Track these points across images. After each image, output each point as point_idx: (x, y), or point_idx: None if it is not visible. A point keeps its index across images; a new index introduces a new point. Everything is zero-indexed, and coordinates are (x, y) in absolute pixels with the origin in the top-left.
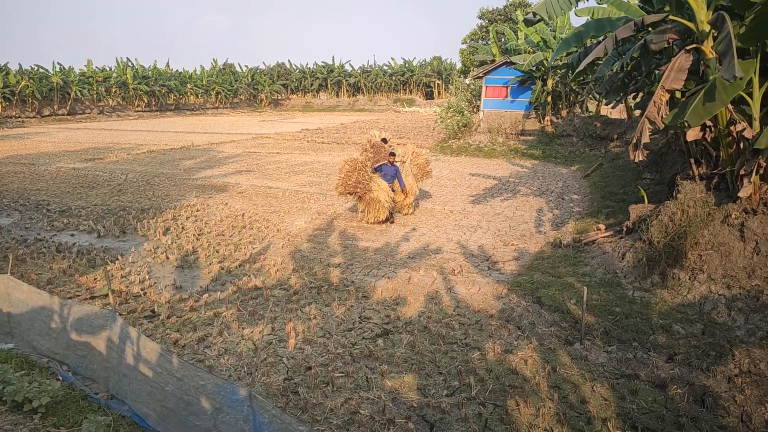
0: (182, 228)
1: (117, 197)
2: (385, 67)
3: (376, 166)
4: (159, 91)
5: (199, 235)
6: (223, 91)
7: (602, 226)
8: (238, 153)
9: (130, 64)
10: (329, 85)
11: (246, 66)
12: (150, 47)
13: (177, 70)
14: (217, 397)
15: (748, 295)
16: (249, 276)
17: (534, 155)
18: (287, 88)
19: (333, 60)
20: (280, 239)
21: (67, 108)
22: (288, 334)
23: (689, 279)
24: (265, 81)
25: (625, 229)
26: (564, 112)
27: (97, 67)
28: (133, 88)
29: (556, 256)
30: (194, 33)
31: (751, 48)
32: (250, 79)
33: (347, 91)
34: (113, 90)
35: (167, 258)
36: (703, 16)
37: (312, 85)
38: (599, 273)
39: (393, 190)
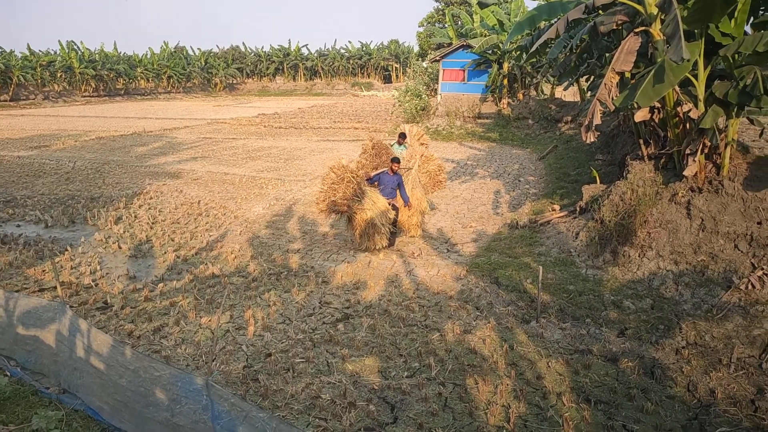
0: (135, 216)
1: (65, 186)
2: (343, 51)
3: (372, 175)
4: (107, 76)
5: (152, 223)
6: (176, 75)
7: (557, 207)
8: (193, 139)
9: (74, 47)
10: (286, 69)
11: (199, 49)
12: (95, 30)
13: (126, 54)
14: (174, 387)
15: (694, 271)
16: (206, 264)
17: (491, 138)
18: (242, 72)
19: (289, 43)
20: (238, 226)
21: (10, 94)
22: (247, 321)
23: (639, 256)
24: (219, 65)
25: (578, 209)
26: (520, 95)
27: (39, 50)
28: (79, 73)
29: (513, 237)
30: (142, 14)
31: (696, 30)
32: (203, 63)
33: (304, 75)
34: (58, 75)
35: (119, 248)
36: None
37: (268, 68)
38: (554, 252)
39: (395, 207)
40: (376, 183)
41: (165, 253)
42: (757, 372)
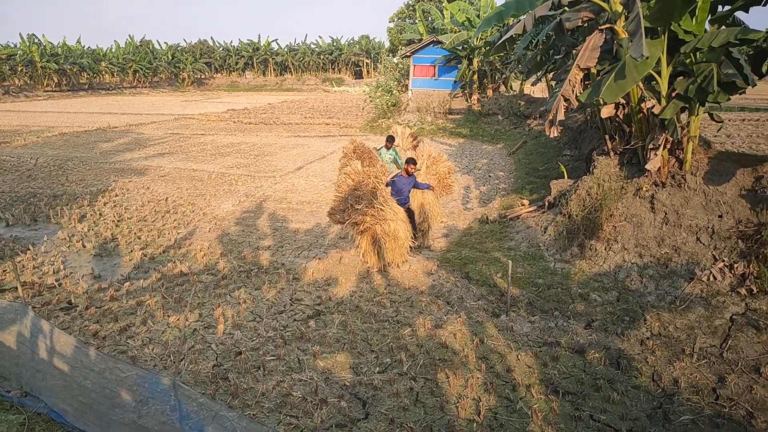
0: (100, 214)
1: (26, 183)
2: (313, 46)
3: (387, 180)
4: (70, 70)
5: (118, 221)
6: (142, 69)
7: (526, 202)
8: (160, 135)
9: (36, 40)
10: (255, 64)
11: (166, 43)
12: (57, 23)
13: (90, 47)
14: (141, 388)
15: (658, 263)
16: (174, 262)
17: (461, 134)
18: (211, 67)
19: (259, 38)
20: (207, 223)
21: None
22: (217, 319)
23: (605, 249)
24: (186, 59)
25: (546, 204)
26: (490, 91)
27: None
28: (41, 67)
29: (483, 232)
30: (106, 7)
31: (659, 28)
32: (170, 57)
33: (274, 70)
34: (19, 69)
35: (84, 246)
36: None
37: (237, 63)
38: (523, 247)
39: (410, 210)
40: (389, 188)
41: (131, 251)
42: (719, 361)
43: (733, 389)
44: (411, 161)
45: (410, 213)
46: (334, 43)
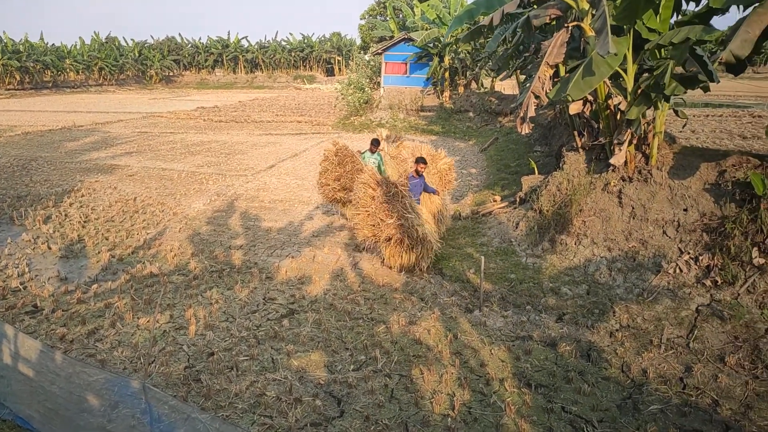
0: (65, 215)
1: None
2: (284, 43)
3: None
4: (33, 68)
5: (85, 222)
6: (108, 66)
7: (498, 198)
8: (128, 133)
9: None
10: (225, 61)
11: (132, 40)
12: (18, 19)
13: (53, 45)
14: (109, 392)
15: (626, 256)
16: (143, 263)
17: (434, 131)
18: (179, 64)
19: (228, 35)
20: (177, 223)
21: None
22: (188, 320)
23: (575, 244)
24: (154, 56)
25: (518, 199)
26: (461, 88)
27: None
28: (2, 65)
29: (456, 228)
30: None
31: (624, 26)
32: (137, 54)
33: (244, 67)
34: None
35: (49, 248)
36: None
37: (206, 60)
38: (496, 242)
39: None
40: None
41: (99, 252)
42: (685, 351)
43: (699, 378)
44: (421, 160)
45: None
46: (306, 41)
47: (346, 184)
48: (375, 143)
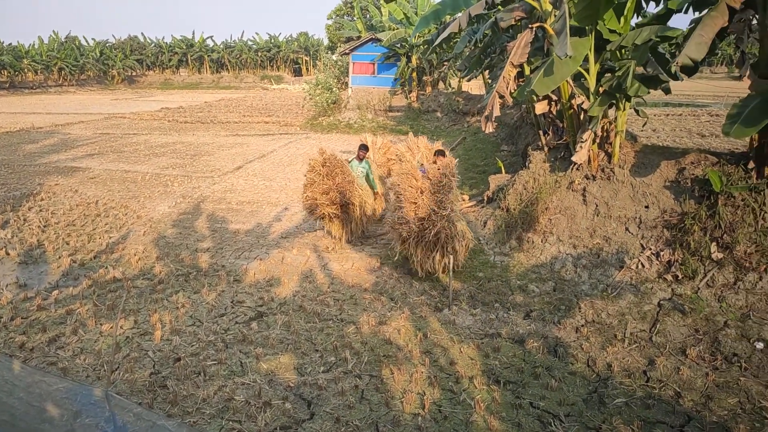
0: (24, 220)
1: None
2: (250, 43)
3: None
4: None
5: (44, 226)
6: (68, 66)
7: (466, 197)
8: (89, 135)
9: None
10: (190, 61)
11: (93, 39)
12: None
13: (10, 44)
14: (71, 401)
15: (590, 253)
16: (106, 267)
17: (402, 131)
18: (142, 64)
19: (193, 34)
20: (141, 226)
21: None
22: (153, 326)
23: (541, 241)
24: (116, 56)
25: (485, 198)
26: (429, 89)
27: None
28: None
29: None
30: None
31: (587, 27)
32: (98, 54)
33: (210, 67)
34: None
35: (7, 254)
36: None
37: (170, 60)
38: None
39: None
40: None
41: (59, 257)
42: (648, 345)
43: (662, 371)
44: (441, 153)
45: None
46: (272, 40)
47: (335, 198)
48: (363, 149)
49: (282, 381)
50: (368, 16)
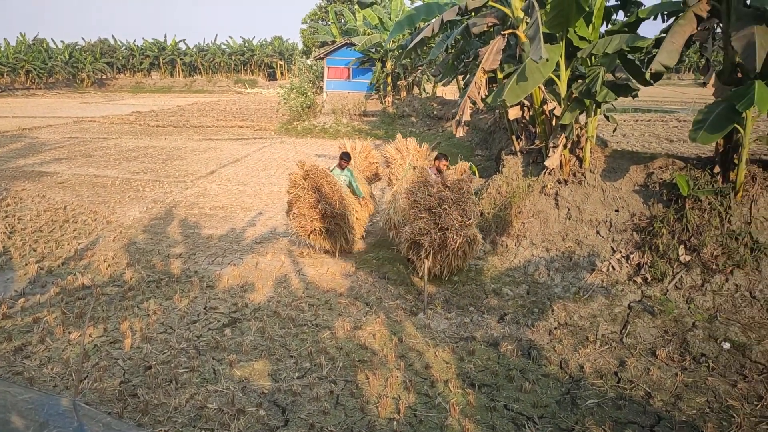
0: None
1: None
2: (224, 47)
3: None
4: None
5: (11, 232)
6: (35, 69)
7: None
8: (57, 139)
9: None
10: (162, 64)
11: (62, 42)
12: None
13: None
14: (37, 412)
15: (563, 256)
16: (75, 274)
17: (377, 135)
18: (113, 67)
19: (165, 37)
20: (111, 232)
21: None
22: (123, 333)
23: (515, 245)
24: (86, 59)
25: None
26: (404, 93)
27: None
28: None
29: None
30: None
31: (557, 34)
32: (67, 57)
33: (183, 71)
34: None
35: None
36: (518, 3)
37: (142, 63)
38: None
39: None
40: None
41: (26, 264)
42: (619, 346)
43: (632, 372)
44: (443, 157)
45: None
46: (246, 44)
47: (326, 211)
48: (345, 158)
49: (256, 388)
50: (343, 20)
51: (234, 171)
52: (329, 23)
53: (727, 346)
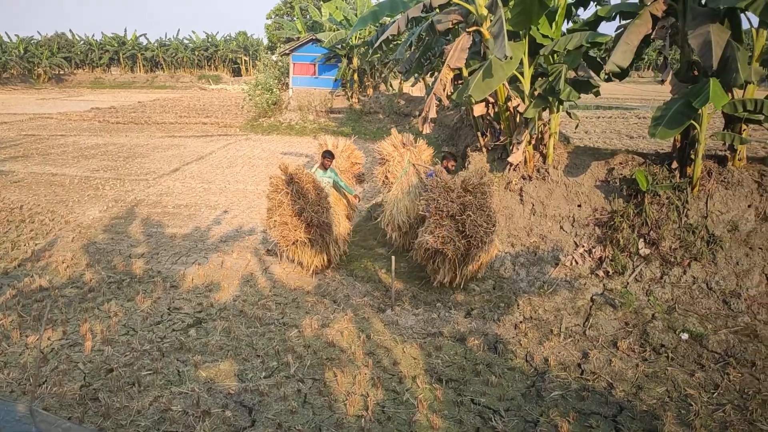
0: None
1: None
2: (186, 41)
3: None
4: None
5: None
6: None
7: None
8: (12, 136)
9: None
10: (122, 60)
11: (17, 35)
12: None
13: None
14: None
15: (528, 251)
16: (32, 276)
17: (344, 132)
18: (71, 62)
19: (125, 32)
20: (70, 232)
21: None
22: (84, 336)
23: None
24: (42, 53)
25: None
26: (370, 90)
27: None
28: None
29: (367, 229)
30: None
31: (521, 32)
32: (22, 51)
33: (144, 66)
34: None
35: None
36: (482, 0)
37: (101, 58)
38: None
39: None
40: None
41: None
42: (582, 338)
43: (595, 363)
44: (451, 156)
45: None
46: (210, 39)
47: (312, 219)
48: (328, 157)
49: (222, 388)
50: (308, 16)
51: (198, 168)
52: (294, 19)
53: (685, 336)
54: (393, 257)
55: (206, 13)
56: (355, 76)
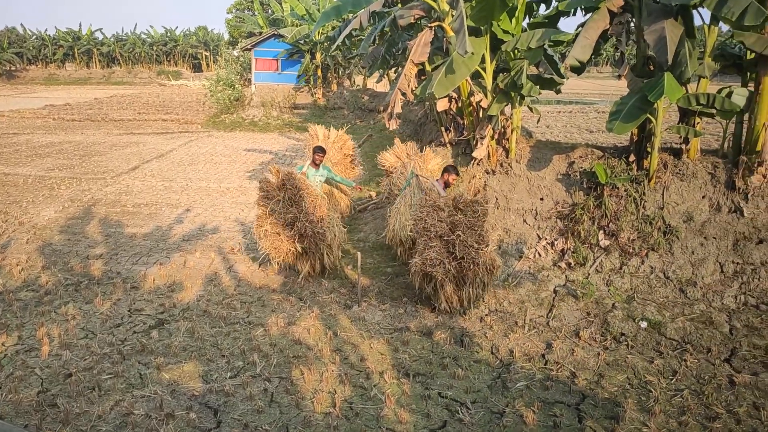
0: None
1: None
2: (144, 36)
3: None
4: None
5: None
6: None
7: (374, 194)
8: None
9: None
10: (77, 55)
11: None
12: None
13: None
14: None
15: (492, 245)
16: None
17: (308, 128)
18: (23, 58)
19: (80, 27)
20: (24, 233)
21: None
22: (40, 340)
23: None
24: None
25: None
26: (334, 86)
27: None
28: None
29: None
30: None
31: (482, 27)
32: None
33: (100, 62)
34: None
35: None
36: None
37: (55, 54)
38: (372, 238)
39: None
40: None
41: None
42: (546, 329)
43: (558, 353)
44: (453, 169)
45: None
46: (168, 34)
47: (305, 229)
48: (320, 152)
49: (186, 390)
50: (270, 11)
51: (159, 166)
52: (256, 13)
53: (644, 325)
54: (359, 253)
55: (165, 7)
56: (319, 72)
